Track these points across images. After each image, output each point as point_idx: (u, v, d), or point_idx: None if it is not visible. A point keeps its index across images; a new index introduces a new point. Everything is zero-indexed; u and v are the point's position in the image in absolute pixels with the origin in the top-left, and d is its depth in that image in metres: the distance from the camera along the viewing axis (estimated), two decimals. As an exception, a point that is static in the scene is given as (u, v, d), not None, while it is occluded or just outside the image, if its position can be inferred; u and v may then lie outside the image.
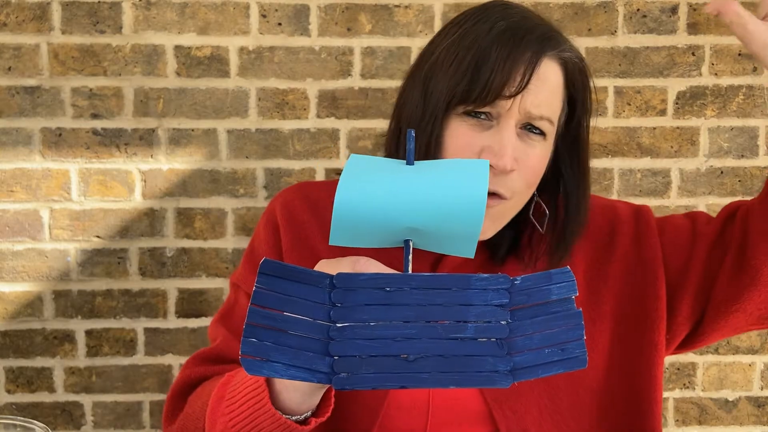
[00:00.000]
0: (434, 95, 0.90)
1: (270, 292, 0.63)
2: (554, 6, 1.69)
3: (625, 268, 0.99)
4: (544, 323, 0.64)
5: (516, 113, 0.87)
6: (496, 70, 0.85)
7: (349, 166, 0.69)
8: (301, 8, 1.67)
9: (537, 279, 0.64)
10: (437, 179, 0.67)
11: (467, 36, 0.89)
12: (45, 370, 1.72)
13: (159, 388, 1.73)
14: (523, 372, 0.63)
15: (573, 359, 0.64)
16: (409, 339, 0.63)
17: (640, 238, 0.99)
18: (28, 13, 1.65)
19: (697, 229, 0.99)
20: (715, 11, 0.91)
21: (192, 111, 1.68)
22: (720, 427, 1.79)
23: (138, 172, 1.69)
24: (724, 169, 1.74)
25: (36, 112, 1.67)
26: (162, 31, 1.67)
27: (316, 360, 0.62)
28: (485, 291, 0.63)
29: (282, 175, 1.70)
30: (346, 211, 0.66)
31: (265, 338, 0.62)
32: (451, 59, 0.89)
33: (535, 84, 0.87)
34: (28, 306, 1.70)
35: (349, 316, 0.63)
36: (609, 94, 1.71)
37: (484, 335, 0.63)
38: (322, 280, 0.63)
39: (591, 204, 1.01)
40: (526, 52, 0.86)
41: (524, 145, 0.89)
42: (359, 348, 0.62)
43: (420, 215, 0.65)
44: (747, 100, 1.73)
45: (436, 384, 0.62)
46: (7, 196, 1.68)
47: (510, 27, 0.88)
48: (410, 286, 0.63)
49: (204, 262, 1.71)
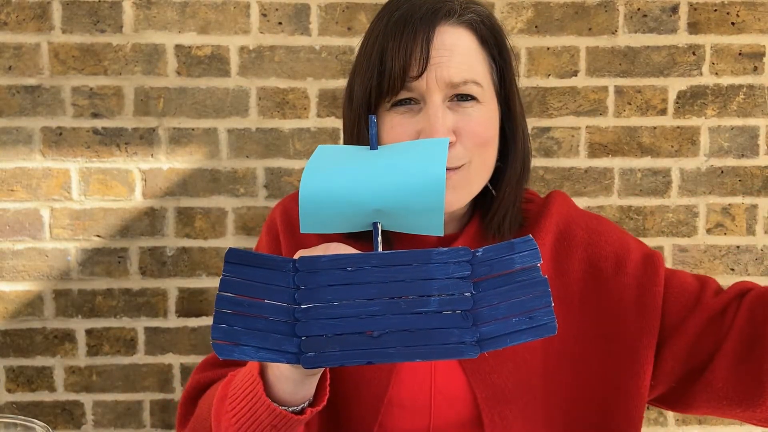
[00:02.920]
0: (356, 99, 0.94)
1: (237, 279, 0.65)
2: (555, 5, 1.69)
3: (622, 309, 0.97)
4: (510, 292, 0.65)
5: (437, 88, 0.88)
6: (395, 58, 0.88)
7: (315, 156, 0.71)
8: (301, 7, 1.67)
9: (499, 249, 0.65)
10: (398, 160, 0.69)
11: (372, 34, 0.93)
12: (45, 369, 1.72)
13: (159, 387, 1.73)
14: (490, 342, 0.64)
15: (542, 326, 0.64)
16: (373, 316, 0.64)
17: (645, 284, 0.98)
18: (28, 12, 1.65)
19: (703, 297, 0.97)
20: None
21: (192, 110, 1.68)
22: (720, 426, 1.79)
23: (138, 171, 1.69)
24: (725, 169, 1.74)
25: (36, 111, 1.67)
26: (162, 31, 1.67)
27: (284, 341, 0.64)
28: (446, 264, 0.64)
29: (282, 174, 1.70)
30: (312, 197, 0.67)
31: (234, 323, 0.64)
32: (362, 61, 0.93)
33: (440, 54, 0.88)
34: (29, 305, 1.70)
35: (312, 297, 0.64)
36: (609, 93, 1.71)
37: (448, 308, 0.64)
38: (285, 265, 0.65)
39: (604, 228, 1.01)
40: (418, 31, 0.88)
41: (459, 115, 0.90)
42: (324, 327, 0.64)
43: (384, 196, 0.67)
44: (747, 100, 1.73)
45: (402, 358, 0.64)
46: (7, 196, 1.68)
47: (401, 15, 0.91)
48: (371, 264, 0.64)
49: (204, 261, 1.71)
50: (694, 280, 1.00)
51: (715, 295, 0.98)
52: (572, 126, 1.72)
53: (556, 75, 1.70)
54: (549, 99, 1.71)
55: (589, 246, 1.00)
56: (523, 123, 0.98)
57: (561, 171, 1.73)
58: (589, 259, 0.99)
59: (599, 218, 1.05)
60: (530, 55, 1.70)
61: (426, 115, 0.88)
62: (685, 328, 0.96)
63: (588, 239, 1.00)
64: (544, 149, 1.72)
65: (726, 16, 1.71)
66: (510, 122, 0.96)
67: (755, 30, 1.71)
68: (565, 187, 1.73)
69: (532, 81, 1.71)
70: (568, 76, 1.70)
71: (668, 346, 0.97)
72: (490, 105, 0.92)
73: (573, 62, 1.69)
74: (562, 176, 1.73)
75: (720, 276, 1.75)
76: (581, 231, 1.01)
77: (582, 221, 1.02)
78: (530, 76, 1.71)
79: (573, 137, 1.72)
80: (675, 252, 1.75)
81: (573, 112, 1.72)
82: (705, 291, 0.98)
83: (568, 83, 1.70)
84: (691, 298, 0.98)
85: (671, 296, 0.98)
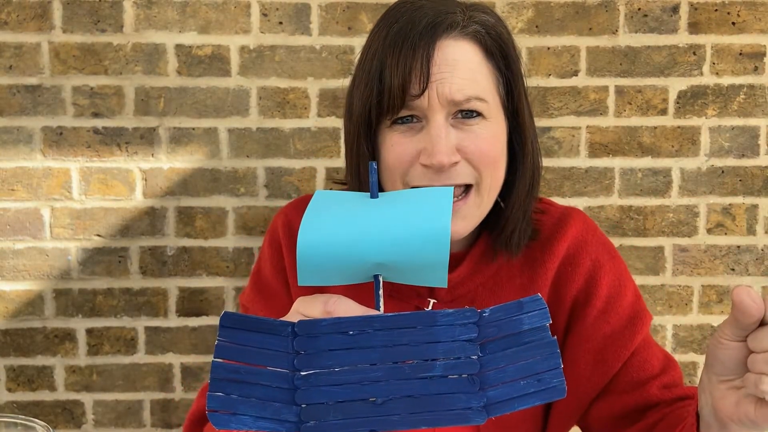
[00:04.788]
0: (355, 113, 0.89)
1: (233, 345, 0.62)
2: (555, 5, 1.69)
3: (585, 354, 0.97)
4: (518, 354, 0.62)
5: (439, 106, 0.84)
6: (394, 75, 0.84)
7: (313, 204, 0.68)
8: (302, 7, 1.67)
9: (507, 309, 0.63)
10: (401, 211, 0.66)
11: (371, 48, 0.89)
12: (46, 368, 1.72)
13: (160, 386, 1.73)
14: (497, 406, 0.62)
15: (550, 389, 0.62)
16: (376, 382, 0.61)
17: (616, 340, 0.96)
18: (29, 11, 1.65)
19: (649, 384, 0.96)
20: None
21: (193, 110, 1.68)
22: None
23: (139, 171, 1.69)
24: (725, 169, 1.74)
25: (37, 110, 1.67)
26: (163, 30, 1.67)
27: (283, 410, 0.62)
28: (452, 326, 0.62)
29: (283, 174, 1.70)
30: (311, 251, 0.64)
31: (231, 391, 0.62)
32: (362, 76, 0.89)
33: (443, 71, 0.84)
34: (29, 305, 1.70)
35: (313, 363, 0.62)
36: (610, 93, 1.71)
37: (454, 372, 0.62)
38: (283, 329, 0.62)
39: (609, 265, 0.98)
40: (417, 47, 0.84)
41: (464, 133, 0.86)
42: (325, 395, 0.61)
43: (386, 250, 0.64)
44: (748, 100, 1.73)
45: (407, 426, 0.61)
46: (7, 195, 1.68)
47: (401, 27, 0.86)
48: (373, 327, 0.62)
49: (205, 261, 1.71)
50: (658, 362, 0.98)
51: (661, 389, 0.96)
52: (573, 126, 1.72)
53: (556, 75, 1.70)
54: (549, 99, 1.71)
55: (589, 278, 0.98)
56: (532, 135, 0.94)
57: (561, 171, 1.73)
58: (585, 290, 0.98)
59: (612, 254, 1.01)
60: (530, 54, 1.69)
61: (428, 135, 0.85)
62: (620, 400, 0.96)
63: (591, 271, 0.98)
64: (544, 149, 1.72)
65: (727, 16, 1.71)
66: (518, 135, 0.92)
67: (756, 30, 1.71)
68: (566, 187, 1.73)
69: (533, 81, 1.71)
70: (568, 76, 1.70)
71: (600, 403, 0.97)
72: (497, 120, 0.89)
73: (573, 62, 1.69)
74: (563, 176, 1.73)
75: (720, 276, 1.75)
76: (588, 261, 0.98)
77: (593, 250, 0.99)
78: (531, 76, 1.71)
79: (573, 137, 1.72)
80: (675, 252, 1.75)
81: (573, 111, 1.71)
82: (656, 379, 0.96)
83: (569, 83, 1.70)
84: (642, 380, 0.96)
85: (629, 366, 0.96)
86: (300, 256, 0.64)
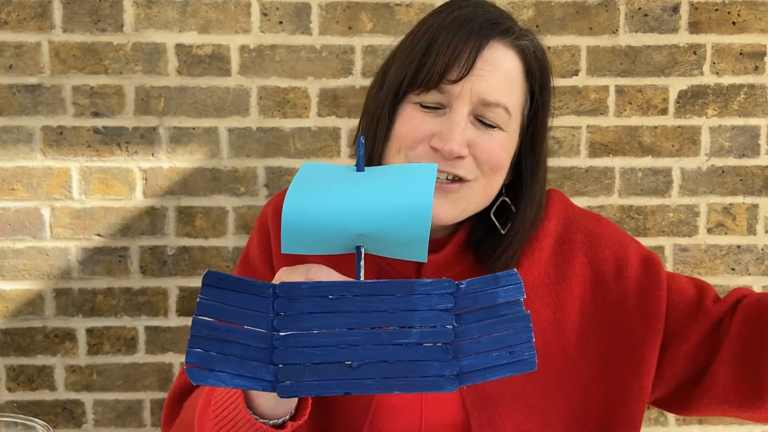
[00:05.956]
0: (388, 82, 0.91)
1: (214, 303, 0.64)
2: (555, 5, 1.69)
3: (624, 312, 0.97)
4: (492, 326, 0.64)
5: (467, 99, 0.86)
6: (440, 53, 0.86)
7: (300, 175, 0.69)
8: (302, 7, 1.67)
9: (483, 282, 0.64)
10: (385, 185, 0.67)
11: (423, 26, 0.91)
12: (46, 368, 1.72)
13: (160, 386, 1.73)
14: (469, 376, 0.63)
15: (522, 362, 0.63)
16: (353, 346, 0.63)
17: (647, 288, 0.97)
18: (29, 11, 1.65)
19: (703, 304, 0.97)
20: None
21: (193, 109, 1.68)
22: (721, 426, 1.79)
23: (139, 170, 1.69)
24: (726, 169, 1.74)
25: (37, 110, 1.67)
26: (163, 30, 1.67)
27: (260, 369, 0.63)
28: (429, 296, 0.63)
29: (283, 173, 1.70)
30: (295, 219, 0.65)
31: (210, 348, 0.63)
32: (406, 48, 0.91)
33: (484, 68, 0.86)
34: (29, 304, 1.70)
35: (292, 324, 0.63)
36: (610, 93, 1.71)
37: (429, 340, 0.63)
38: (265, 290, 0.64)
39: (603, 231, 0.99)
40: (472, 36, 0.86)
41: (479, 132, 0.88)
42: (302, 356, 0.62)
43: (369, 222, 0.65)
44: (748, 99, 1.73)
45: (380, 390, 0.62)
46: (8, 195, 1.68)
47: (462, 14, 0.89)
48: (353, 293, 0.63)
49: (205, 260, 1.71)
50: (692, 286, 1.00)
51: (714, 303, 0.97)
52: (573, 125, 1.72)
53: (557, 74, 1.70)
54: (550, 98, 1.71)
55: (589, 250, 0.99)
56: (544, 167, 0.96)
57: (562, 170, 1.73)
58: (590, 263, 0.99)
59: (597, 218, 1.04)
60: (531, 54, 1.70)
61: (447, 120, 0.86)
62: (688, 335, 0.96)
63: (588, 243, 0.99)
64: (544, 149, 1.72)
65: (727, 15, 1.71)
66: (531, 163, 0.94)
67: (756, 30, 1.71)
68: (566, 186, 1.73)
69: (533, 80, 1.71)
70: (569, 76, 1.70)
71: (670, 351, 0.97)
72: (512, 136, 0.91)
73: (574, 62, 1.69)
74: (563, 176, 1.73)
75: (721, 276, 1.75)
76: (581, 234, 1.00)
77: (581, 223, 1.01)
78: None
79: (574, 137, 1.72)
80: (676, 252, 1.75)
81: (574, 111, 1.71)
82: (704, 298, 0.98)
83: (569, 83, 1.70)
84: (692, 306, 0.97)
85: (672, 302, 0.98)
86: (285, 224, 0.66)
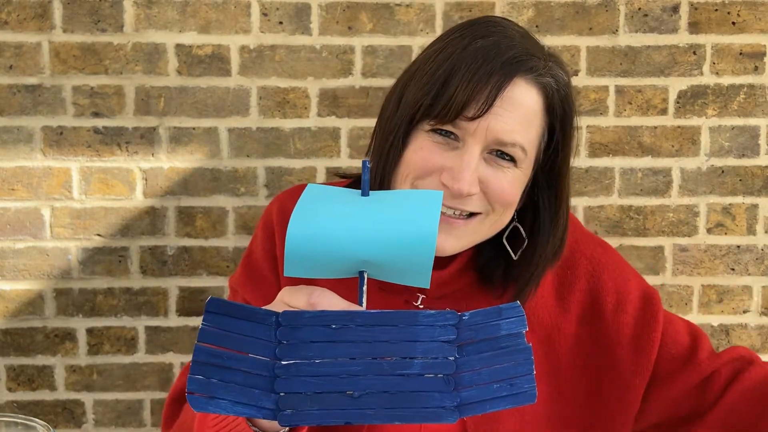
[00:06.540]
0: (403, 106, 0.89)
1: (217, 330, 0.64)
2: (555, 5, 1.69)
3: (618, 345, 0.97)
4: (493, 358, 0.64)
5: (483, 137, 0.84)
6: (460, 88, 0.83)
7: (305, 197, 0.69)
8: (302, 7, 1.67)
9: (486, 314, 0.64)
10: (390, 211, 0.67)
11: (446, 50, 0.87)
12: (46, 368, 1.72)
13: (160, 386, 1.73)
14: (470, 407, 0.63)
15: (522, 394, 0.64)
16: (355, 376, 0.63)
17: (642, 326, 0.97)
18: (29, 11, 1.65)
19: (695, 355, 0.97)
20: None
21: (193, 109, 1.68)
22: None
23: (139, 170, 1.69)
24: (726, 169, 1.74)
25: (37, 110, 1.67)
26: (163, 30, 1.67)
27: (261, 397, 0.63)
28: (432, 327, 0.63)
29: (283, 173, 1.70)
30: (298, 243, 0.65)
31: (211, 375, 0.63)
32: (426, 71, 0.88)
33: (504, 107, 0.84)
34: (29, 304, 1.70)
35: (294, 353, 0.63)
36: (610, 93, 1.71)
37: (431, 371, 0.63)
38: (267, 318, 0.63)
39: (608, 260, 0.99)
40: (495, 72, 0.83)
41: (492, 169, 0.86)
42: (304, 385, 0.63)
43: (373, 248, 0.65)
44: (748, 99, 1.73)
45: (381, 420, 0.62)
46: (8, 195, 1.68)
47: (486, 46, 0.85)
48: (356, 323, 0.63)
49: (205, 260, 1.71)
50: (688, 333, 0.99)
51: (707, 357, 0.97)
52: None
53: (556, 74, 1.70)
54: (549, 98, 1.71)
55: (591, 278, 0.98)
56: (567, 205, 0.94)
57: (561, 170, 1.73)
58: (591, 291, 0.98)
59: (603, 246, 1.02)
60: (531, 54, 1.70)
61: (459, 158, 0.85)
62: (675, 382, 0.96)
63: (591, 270, 0.99)
64: (544, 149, 1.72)
65: (727, 15, 1.71)
66: (549, 198, 0.92)
67: (756, 30, 1.71)
68: (566, 186, 1.73)
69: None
70: (568, 76, 1.70)
71: (655, 393, 0.97)
72: (526, 171, 0.90)
73: (573, 62, 1.69)
74: (563, 176, 1.73)
75: (720, 276, 1.76)
76: (585, 261, 0.99)
77: (587, 250, 1.00)
78: (531, 75, 1.71)
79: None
80: (675, 252, 1.75)
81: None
82: (698, 350, 0.97)
83: (569, 83, 1.70)
84: (683, 354, 0.97)
85: (665, 345, 0.97)
86: (288, 248, 0.66)
